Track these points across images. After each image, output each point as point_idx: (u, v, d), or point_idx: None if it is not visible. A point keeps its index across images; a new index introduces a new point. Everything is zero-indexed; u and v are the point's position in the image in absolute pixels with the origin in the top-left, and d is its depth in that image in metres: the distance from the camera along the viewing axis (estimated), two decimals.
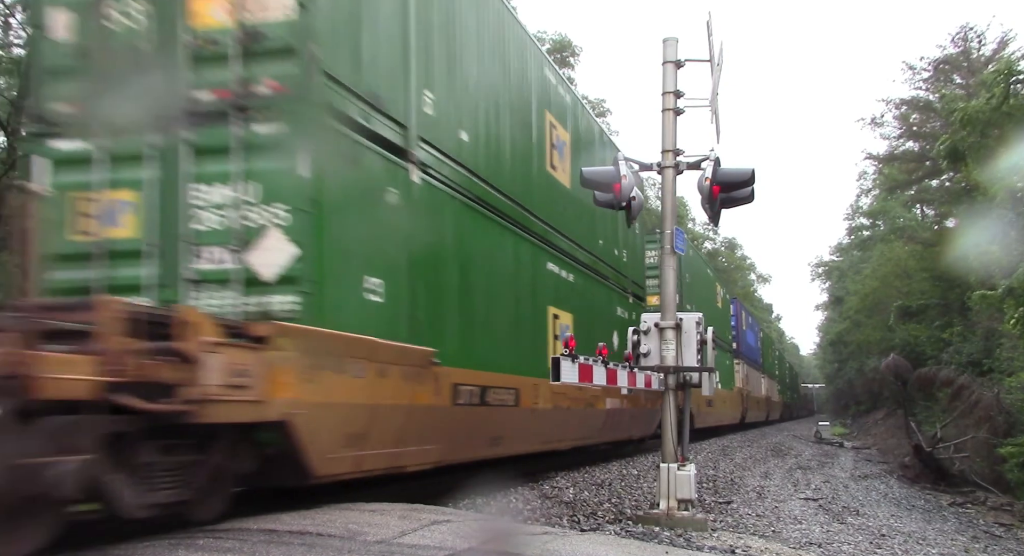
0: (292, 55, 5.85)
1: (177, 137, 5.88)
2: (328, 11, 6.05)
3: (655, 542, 6.60)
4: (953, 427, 20.02)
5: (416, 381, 6.96)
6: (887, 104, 38.08)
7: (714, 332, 8.22)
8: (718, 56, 8.07)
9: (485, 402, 8.38)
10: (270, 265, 5.78)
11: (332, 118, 6.10)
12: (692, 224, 53.35)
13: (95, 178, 5.99)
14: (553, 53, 35.44)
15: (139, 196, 5.97)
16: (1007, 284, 12.53)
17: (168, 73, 5.93)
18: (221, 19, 5.96)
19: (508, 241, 9.49)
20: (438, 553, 4.41)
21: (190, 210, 5.86)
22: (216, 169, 5.85)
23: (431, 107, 7.57)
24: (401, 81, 7.09)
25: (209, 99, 5.90)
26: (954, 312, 26.04)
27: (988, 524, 12.37)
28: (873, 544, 8.29)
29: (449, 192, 7.90)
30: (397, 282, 6.76)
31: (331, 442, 5.91)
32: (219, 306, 5.73)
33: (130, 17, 6.02)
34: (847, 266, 51.45)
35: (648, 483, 10.92)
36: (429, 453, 7.38)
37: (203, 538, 4.49)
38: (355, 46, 6.46)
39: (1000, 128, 13.21)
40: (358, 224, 6.37)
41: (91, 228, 5.99)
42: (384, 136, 6.75)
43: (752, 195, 7.77)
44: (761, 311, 71.89)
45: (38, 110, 6.31)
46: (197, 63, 5.94)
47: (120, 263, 5.88)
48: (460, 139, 8.22)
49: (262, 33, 5.90)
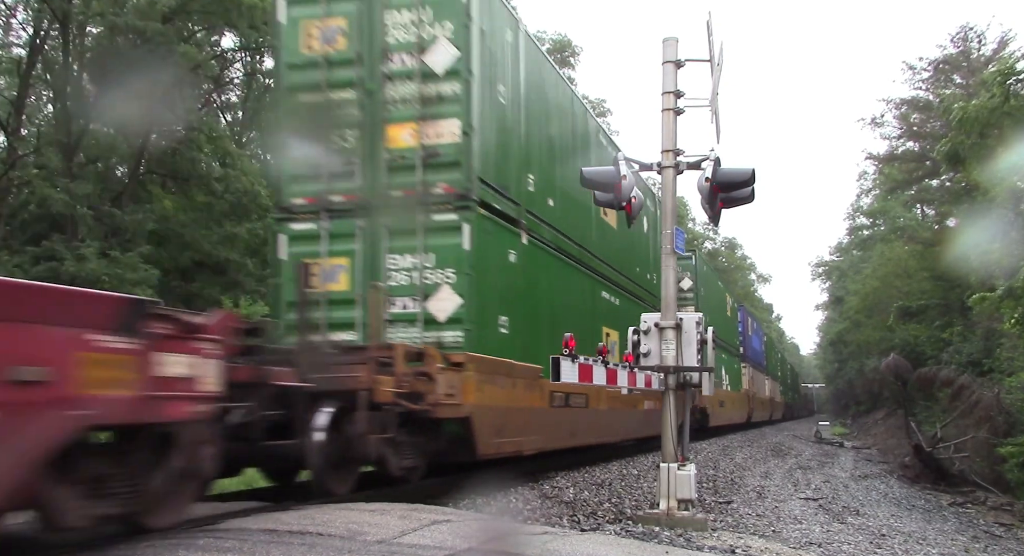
0: (458, 167, 8.53)
1: (378, 221, 8.61)
2: (479, 136, 8.75)
3: (655, 542, 6.60)
4: (953, 427, 20.03)
5: (530, 390, 9.77)
6: (887, 104, 38.10)
7: (715, 333, 8.22)
8: (718, 56, 8.07)
9: (568, 404, 11.13)
10: (443, 310, 8.39)
11: (482, 208, 8.68)
12: (692, 224, 53.38)
13: (320, 249, 8.74)
14: (553, 53, 35.45)
15: (350, 261, 8.68)
16: (1006, 285, 12.52)
17: (371, 177, 8.71)
18: (409, 142, 8.66)
19: (576, 277, 12.19)
20: (438, 553, 4.41)
21: (386, 272, 8.54)
22: (405, 244, 8.57)
23: (532, 185, 10.37)
24: (517, 171, 9.96)
25: (401, 196, 8.60)
26: (954, 312, 26.06)
27: (988, 524, 12.37)
28: (873, 544, 8.30)
29: (542, 246, 10.66)
30: (514, 317, 9.30)
31: (489, 432, 8.59)
32: (407, 339, 8.15)
33: (347, 141, 8.86)
34: (847, 266, 51.43)
35: (648, 483, 10.93)
36: (536, 442, 10.04)
37: (203, 538, 4.49)
38: (495, 156, 9.24)
39: (1000, 128, 13.20)
40: (495, 279, 9.05)
41: (317, 284, 8.52)
42: (508, 213, 9.50)
43: (752, 195, 7.76)
44: (761, 311, 71.91)
45: (282, 203, 9.06)
46: (392, 171, 8.68)
47: (337, 308, 8.57)
48: (548, 205, 10.94)
49: (438, 152, 8.57)
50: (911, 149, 38.22)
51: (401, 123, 8.70)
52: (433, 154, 8.56)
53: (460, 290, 8.33)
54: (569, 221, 11.76)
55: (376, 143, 8.72)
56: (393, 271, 8.54)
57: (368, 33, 8.86)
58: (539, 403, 10.08)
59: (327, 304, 8.53)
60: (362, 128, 8.78)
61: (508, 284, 9.41)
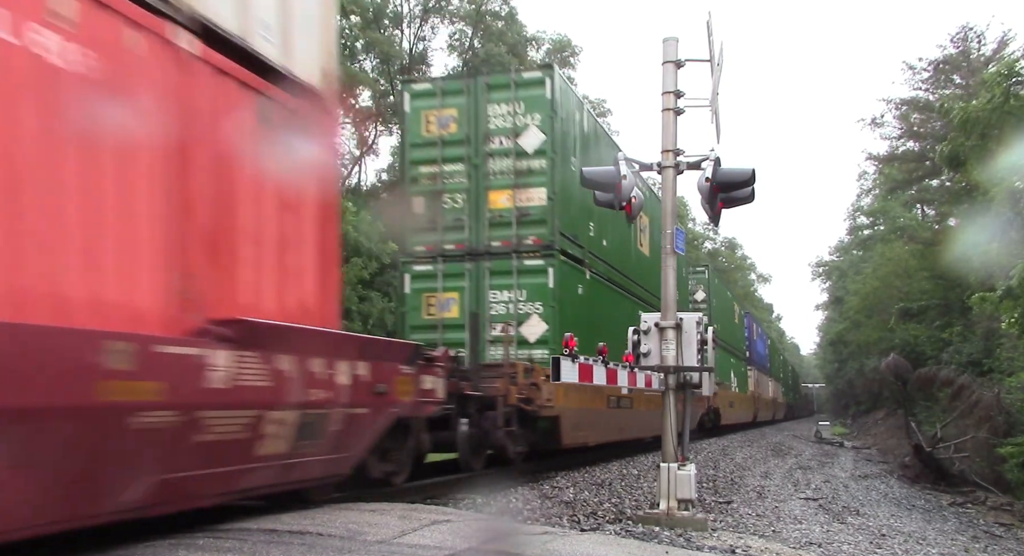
0: (544, 224, 11.35)
1: (482, 265, 11.43)
2: (559, 199, 11.46)
3: (655, 542, 6.60)
4: (953, 427, 20.02)
5: (595, 394, 12.21)
6: (887, 104, 38.09)
7: (715, 332, 8.21)
8: (718, 56, 8.05)
9: (619, 406, 13.69)
10: (533, 334, 11.21)
11: (561, 254, 11.47)
12: (692, 224, 53.36)
13: (436, 285, 11.58)
14: (553, 53, 35.45)
15: (460, 295, 11.46)
16: (1005, 285, 12.49)
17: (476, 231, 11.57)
18: (506, 204, 11.45)
19: (620, 300, 14.47)
20: (438, 553, 4.41)
21: (488, 304, 11.37)
22: (502, 282, 11.39)
23: (592, 231, 12.99)
24: (582, 222, 12.57)
25: (500, 246, 11.44)
26: (954, 312, 26.03)
27: (988, 524, 12.37)
28: (873, 544, 8.29)
29: (598, 278, 13.22)
30: (581, 337, 10.15)
31: (570, 427, 11.41)
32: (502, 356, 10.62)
33: (456, 201, 11.61)
34: (847, 266, 51.38)
35: (648, 483, 10.93)
36: (598, 435, 12.94)
37: (203, 538, 4.49)
38: (569, 213, 11.89)
39: (1000, 128, 13.18)
40: (569, 308, 11.56)
41: (434, 312, 11.50)
42: (577, 255, 12.20)
43: (752, 195, 7.75)
44: (761, 311, 71.88)
45: (407, 250, 11.88)
46: (493, 226, 11.49)
47: (449, 331, 11.32)
48: (603, 245, 13.55)
49: (528, 212, 11.38)
50: (911, 149, 38.22)
51: (500, 189, 11.48)
52: (525, 214, 11.38)
53: (546, 318, 11.18)
54: (616, 255, 14.42)
55: (480, 204, 11.53)
56: (493, 303, 11.37)
57: (474, 120, 11.61)
58: (600, 405, 12.82)
59: (443, 327, 11.40)
60: (469, 193, 11.55)
61: (576, 311, 11.94)
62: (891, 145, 39.61)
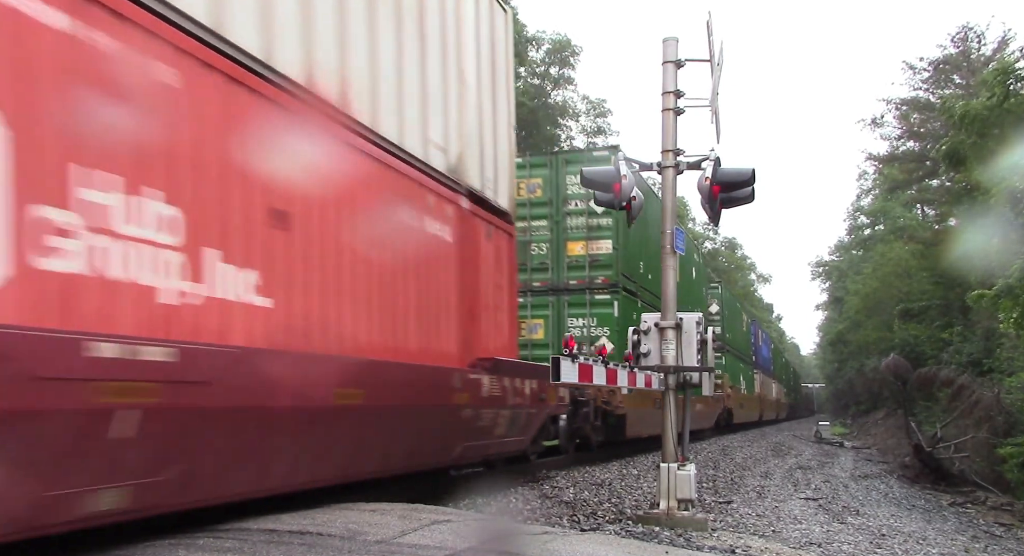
0: (610, 267, 14.75)
1: (562, 298, 14.84)
2: (621, 248, 14.95)
3: (655, 542, 6.60)
4: (953, 427, 20.01)
5: (647, 397, 13.93)
6: (887, 104, 38.10)
7: (715, 333, 8.21)
8: (718, 56, 8.05)
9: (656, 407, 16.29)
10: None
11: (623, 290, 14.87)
12: (692, 224, 53.38)
13: (527, 314, 14.29)
14: (553, 53, 35.50)
15: (545, 321, 14.81)
16: (1003, 283, 12.48)
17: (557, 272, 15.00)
18: (580, 251, 14.85)
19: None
20: (438, 553, 4.40)
21: (567, 328, 14.51)
22: (578, 311, 14.77)
23: (642, 267, 16.33)
24: (636, 261, 15.88)
25: (576, 284, 14.83)
26: (954, 312, 26.04)
27: (988, 524, 12.36)
28: (873, 544, 8.28)
29: (647, 305, 15.85)
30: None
31: (632, 423, 14.79)
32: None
33: (541, 249, 15.03)
34: (847, 266, 51.43)
35: (648, 483, 10.93)
36: (648, 430, 15.50)
37: (203, 538, 4.49)
38: (628, 257, 15.35)
39: (1000, 127, 13.17)
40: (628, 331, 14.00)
41: (524, 334, 13.69)
42: (632, 289, 15.65)
43: (752, 195, 7.75)
44: (761, 311, 71.92)
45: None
46: (570, 269, 14.87)
47: (537, 349, 14.38)
48: (648, 278, 16.48)
49: (598, 258, 14.78)
50: (911, 149, 38.26)
51: (576, 240, 14.89)
52: (595, 259, 14.77)
53: (612, 339, 14.00)
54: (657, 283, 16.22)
55: (560, 252, 14.96)
56: (571, 328, 14.56)
57: (555, 187, 15.02)
58: (650, 406, 14.65)
59: (531, 346, 14.37)
60: (551, 243, 14.98)
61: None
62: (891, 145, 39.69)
